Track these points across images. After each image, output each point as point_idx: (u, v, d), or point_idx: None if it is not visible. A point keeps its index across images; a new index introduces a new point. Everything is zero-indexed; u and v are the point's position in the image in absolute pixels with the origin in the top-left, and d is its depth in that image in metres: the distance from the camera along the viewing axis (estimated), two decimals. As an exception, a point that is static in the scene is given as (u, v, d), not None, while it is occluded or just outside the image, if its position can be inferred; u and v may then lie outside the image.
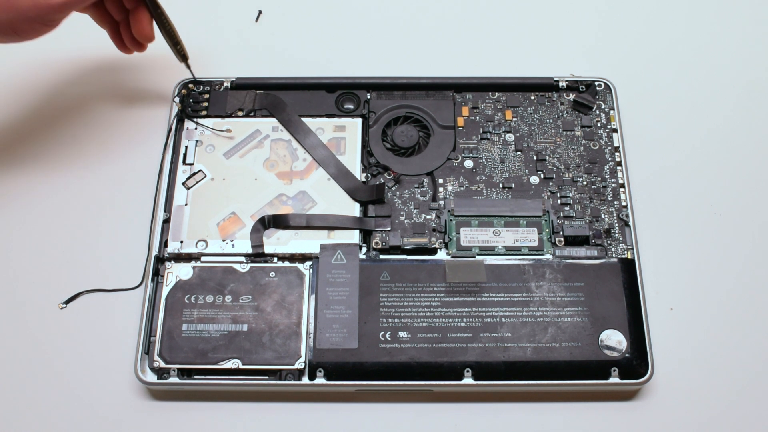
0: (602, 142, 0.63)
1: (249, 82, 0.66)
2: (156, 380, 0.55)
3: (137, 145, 0.65)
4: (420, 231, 0.60)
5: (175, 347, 0.55)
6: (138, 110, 0.67)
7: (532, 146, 0.63)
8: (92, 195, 0.63)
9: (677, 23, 0.73)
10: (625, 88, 0.67)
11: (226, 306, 0.57)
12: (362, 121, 0.64)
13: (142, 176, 0.63)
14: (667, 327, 0.59)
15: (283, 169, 0.62)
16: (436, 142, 0.63)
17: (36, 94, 0.68)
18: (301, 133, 0.63)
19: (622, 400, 0.56)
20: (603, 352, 0.55)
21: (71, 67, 0.69)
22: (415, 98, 0.65)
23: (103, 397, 0.56)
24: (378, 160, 0.63)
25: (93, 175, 0.64)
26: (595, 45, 0.72)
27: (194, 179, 0.61)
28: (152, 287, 0.58)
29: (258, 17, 0.73)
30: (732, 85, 0.70)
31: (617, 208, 0.61)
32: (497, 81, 0.66)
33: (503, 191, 0.62)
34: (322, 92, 0.65)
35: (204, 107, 0.64)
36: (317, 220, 0.59)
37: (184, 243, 0.59)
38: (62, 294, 0.59)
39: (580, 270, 0.58)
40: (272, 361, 0.55)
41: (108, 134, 0.66)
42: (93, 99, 0.68)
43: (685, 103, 0.69)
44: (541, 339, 0.56)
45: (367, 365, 0.55)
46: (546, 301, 0.57)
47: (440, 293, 0.57)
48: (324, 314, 0.56)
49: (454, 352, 0.55)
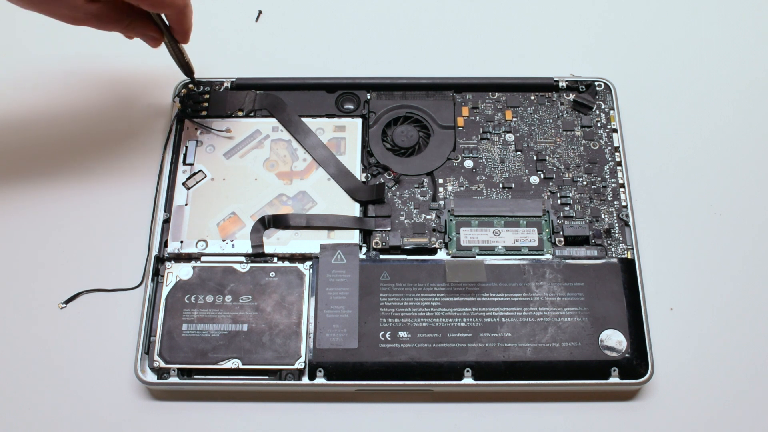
0: (602, 142, 0.63)
1: (249, 82, 0.66)
2: (156, 380, 0.55)
3: (137, 145, 0.65)
4: (420, 231, 0.60)
5: (175, 347, 0.55)
6: (138, 110, 0.67)
7: (532, 146, 0.63)
8: (92, 195, 0.63)
9: (677, 23, 0.73)
10: (625, 88, 0.67)
11: (226, 306, 0.57)
12: (362, 121, 0.64)
13: (142, 176, 0.63)
14: (667, 327, 0.59)
15: (283, 169, 0.62)
16: (436, 142, 0.63)
17: (36, 94, 0.68)
18: (301, 133, 0.63)
19: (622, 400, 0.56)
20: (603, 352, 0.55)
21: (71, 67, 0.69)
22: (415, 98, 0.65)
23: (103, 397, 0.56)
24: (378, 160, 0.63)
25: (93, 175, 0.64)
26: (595, 45, 0.72)
27: (194, 179, 0.61)
28: (152, 287, 0.58)
29: (258, 17, 0.73)
30: (732, 85, 0.70)
31: (617, 208, 0.61)
32: (497, 81, 0.66)
33: (503, 191, 0.62)
34: (322, 92, 0.65)
35: (204, 107, 0.65)
36: (317, 220, 0.59)
37: (184, 243, 0.59)
38: (62, 294, 0.59)
39: (580, 270, 0.58)
40: (272, 361, 0.55)
41: (108, 134, 0.66)
42: (93, 99, 0.67)
43: (685, 103, 0.68)
44: (541, 339, 0.56)
45: (367, 365, 0.55)
46: (546, 301, 0.57)
47: (440, 293, 0.57)
48: (324, 314, 0.56)
49: (454, 352, 0.55)
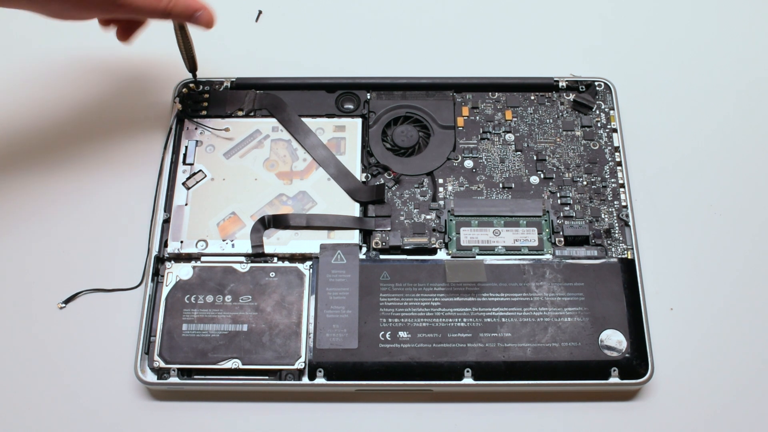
0: (602, 142, 0.63)
1: (249, 82, 0.66)
2: (156, 380, 0.55)
3: (137, 145, 0.65)
4: (420, 231, 0.60)
5: (175, 347, 0.55)
6: (138, 110, 0.67)
7: (532, 146, 0.63)
8: (92, 195, 0.63)
9: (677, 23, 0.73)
10: (625, 88, 0.67)
11: (226, 306, 0.57)
12: (362, 121, 0.64)
13: (142, 176, 0.63)
14: (667, 327, 0.59)
15: (283, 169, 0.62)
16: (436, 142, 0.63)
17: (36, 94, 0.68)
18: (301, 133, 0.63)
19: (622, 400, 0.56)
20: (603, 352, 0.55)
21: (71, 66, 0.69)
22: (415, 98, 0.65)
23: (103, 397, 0.56)
24: (378, 160, 0.63)
25: (93, 175, 0.64)
26: (595, 45, 0.72)
27: (194, 179, 0.61)
28: (152, 287, 0.58)
29: (258, 17, 0.73)
30: (732, 85, 0.70)
31: (617, 208, 0.61)
32: (497, 81, 0.66)
33: (503, 191, 0.62)
34: (322, 92, 0.65)
35: (204, 107, 0.64)
36: (317, 220, 0.59)
37: (184, 243, 0.59)
38: (63, 294, 0.59)
39: (580, 270, 0.58)
40: (272, 361, 0.55)
41: (108, 134, 0.66)
42: (93, 99, 0.67)
43: (685, 103, 0.68)
44: (541, 339, 0.56)
45: (367, 365, 0.55)
46: (546, 301, 0.57)
47: (440, 293, 0.57)
48: (324, 314, 0.56)
49: (454, 352, 0.55)
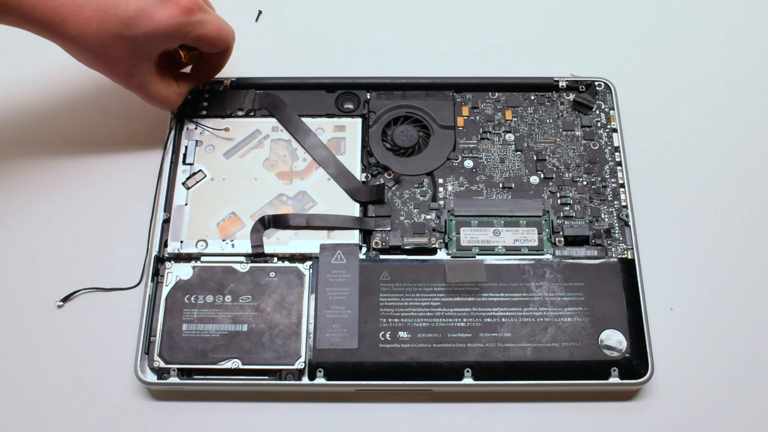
0: (602, 142, 0.63)
1: (249, 82, 0.66)
2: (156, 380, 0.55)
3: (137, 145, 0.65)
4: (420, 231, 0.60)
5: (175, 347, 0.55)
6: (138, 110, 0.67)
7: (532, 146, 0.63)
8: (92, 195, 0.63)
9: (677, 23, 0.73)
10: (625, 88, 0.67)
11: (226, 306, 0.57)
12: (362, 121, 0.64)
13: (142, 176, 0.63)
14: (667, 327, 0.59)
15: (283, 169, 0.62)
16: (436, 142, 0.63)
17: (35, 94, 0.68)
18: (301, 133, 0.63)
19: (622, 400, 0.56)
20: (603, 352, 0.55)
21: (71, 66, 0.69)
22: (415, 98, 0.65)
23: (103, 397, 0.56)
24: (378, 160, 0.63)
25: (93, 175, 0.64)
26: (595, 45, 0.72)
27: (194, 179, 0.61)
28: (152, 287, 0.58)
29: (258, 17, 0.73)
30: (732, 85, 0.69)
31: (617, 208, 0.61)
32: (497, 81, 0.66)
33: (503, 191, 0.61)
34: (322, 92, 0.65)
35: (204, 107, 0.64)
36: (317, 220, 0.59)
37: (184, 243, 0.59)
38: (62, 294, 0.59)
39: (580, 270, 0.58)
40: (272, 361, 0.55)
41: (108, 134, 0.66)
42: (92, 98, 0.67)
43: (685, 103, 0.68)
44: (541, 339, 0.56)
45: (367, 365, 0.55)
46: (546, 301, 0.57)
47: (440, 293, 0.57)
48: (324, 314, 0.56)
49: (454, 352, 0.55)
